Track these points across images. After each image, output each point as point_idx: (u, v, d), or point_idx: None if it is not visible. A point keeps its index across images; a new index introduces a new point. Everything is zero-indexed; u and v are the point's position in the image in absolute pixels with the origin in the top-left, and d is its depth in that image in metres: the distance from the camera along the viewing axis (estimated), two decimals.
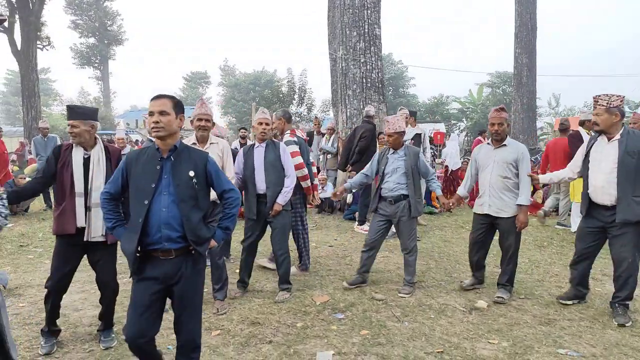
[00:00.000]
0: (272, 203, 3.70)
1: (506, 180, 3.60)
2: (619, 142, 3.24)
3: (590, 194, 3.36)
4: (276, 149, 3.77)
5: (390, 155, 3.95)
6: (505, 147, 3.65)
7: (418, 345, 2.94)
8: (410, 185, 3.82)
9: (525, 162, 3.59)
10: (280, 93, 22.57)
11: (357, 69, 7.49)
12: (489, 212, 3.68)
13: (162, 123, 2.10)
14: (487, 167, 3.70)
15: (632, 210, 3.15)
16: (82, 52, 38.44)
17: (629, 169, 3.17)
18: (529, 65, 15.89)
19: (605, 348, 2.89)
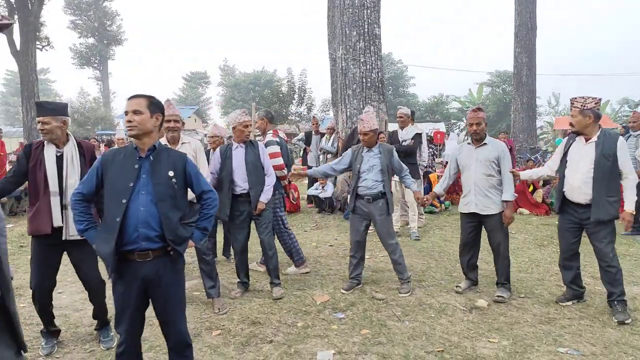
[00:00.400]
0: (256, 202, 3.74)
1: (490, 178, 3.66)
2: (595, 144, 3.34)
3: (566, 193, 3.48)
4: (255, 149, 3.82)
5: (365, 153, 3.93)
6: (486, 146, 3.72)
7: (418, 344, 2.95)
8: (386, 182, 3.86)
9: (507, 159, 3.67)
10: (280, 93, 22.58)
11: (356, 69, 7.49)
12: (476, 210, 3.72)
13: (135, 122, 2.12)
14: (470, 166, 3.74)
15: (606, 210, 3.27)
16: (82, 53, 38.46)
17: (604, 170, 3.27)
18: (529, 65, 15.89)
19: (605, 347, 2.90)
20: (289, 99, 22.07)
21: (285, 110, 22.49)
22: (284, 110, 22.21)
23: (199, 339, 3.05)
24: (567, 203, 3.50)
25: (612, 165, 3.28)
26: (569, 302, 3.62)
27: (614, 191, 3.31)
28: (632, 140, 6.06)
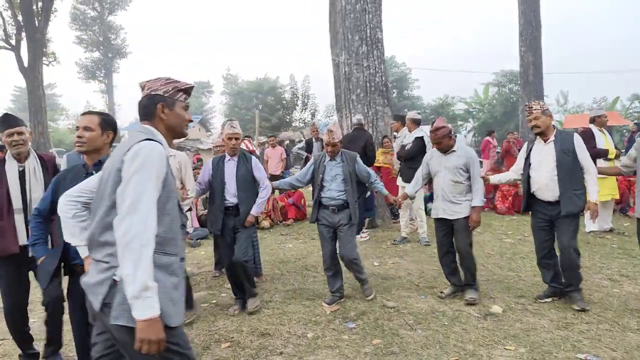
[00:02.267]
0: (245, 215, 3.66)
1: (457, 185, 3.73)
2: (554, 143, 3.54)
3: (536, 193, 3.63)
4: (248, 162, 3.75)
5: (327, 162, 3.85)
6: (455, 153, 3.79)
7: (432, 353, 2.87)
8: (349, 191, 3.77)
9: (476, 165, 3.75)
10: (284, 100, 22.64)
11: (360, 73, 7.45)
12: (444, 215, 3.79)
13: (84, 138, 2.19)
14: (439, 172, 3.82)
15: (574, 203, 3.45)
16: (87, 67, 38.98)
17: (567, 166, 3.46)
18: (535, 64, 15.74)
19: (626, 352, 2.80)
20: (292, 105, 22.13)
21: (289, 117, 22.55)
22: (287, 117, 22.28)
23: (208, 352, 3.00)
24: (536, 202, 3.66)
25: (573, 160, 3.47)
26: (549, 298, 3.68)
27: (579, 185, 3.49)
28: None
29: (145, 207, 1.46)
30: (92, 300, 1.54)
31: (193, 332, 3.34)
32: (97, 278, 1.54)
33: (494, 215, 7.91)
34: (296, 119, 22.98)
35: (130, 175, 1.49)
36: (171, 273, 1.58)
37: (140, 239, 1.42)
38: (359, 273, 3.91)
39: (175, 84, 1.77)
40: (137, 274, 1.39)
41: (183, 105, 1.78)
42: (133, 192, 1.46)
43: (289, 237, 6.68)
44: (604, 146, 5.80)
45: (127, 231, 1.42)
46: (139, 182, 1.48)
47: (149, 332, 1.41)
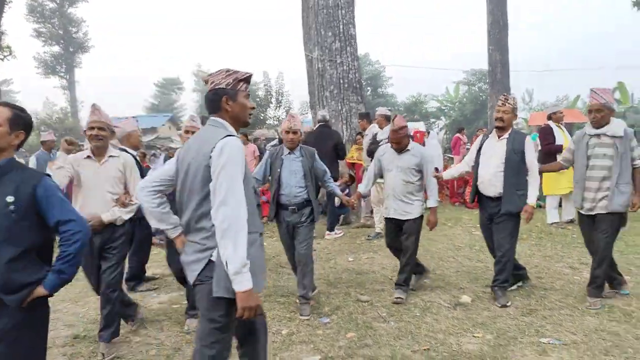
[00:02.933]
0: None
1: (408, 185, 3.70)
2: (507, 141, 3.56)
3: (479, 186, 3.67)
4: None
5: (286, 156, 3.56)
6: (409, 152, 3.73)
7: (405, 344, 2.93)
8: (310, 188, 3.55)
9: (429, 165, 3.72)
10: (257, 97, 22.40)
11: (333, 70, 7.47)
12: (395, 215, 3.75)
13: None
14: (391, 171, 3.76)
15: (514, 203, 3.50)
16: (46, 61, 37.11)
17: (514, 165, 3.50)
18: (502, 62, 16.22)
19: (585, 334, 2.95)
20: (266, 102, 21.92)
21: (263, 115, 22.35)
22: (261, 114, 22.06)
23: (180, 354, 2.95)
24: (481, 197, 3.71)
25: (520, 161, 3.50)
26: (514, 286, 3.79)
27: (522, 186, 3.53)
28: None
29: (236, 197, 1.69)
30: (188, 275, 1.82)
31: (163, 333, 3.28)
32: (194, 257, 1.80)
33: (464, 209, 8.13)
34: (270, 116, 22.78)
35: (220, 170, 1.70)
36: (256, 248, 1.83)
37: (235, 225, 1.66)
38: (305, 279, 3.54)
39: (235, 74, 1.89)
40: (237, 255, 1.65)
41: (244, 94, 1.91)
42: (224, 186, 1.68)
43: (264, 236, 6.62)
44: (562, 142, 6.04)
45: (224, 220, 1.66)
46: (228, 176, 1.70)
47: (249, 301, 1.68)
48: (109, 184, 3.00)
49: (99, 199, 2.94)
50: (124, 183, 3.08)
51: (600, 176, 3.35)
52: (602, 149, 3.36)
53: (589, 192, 3.40)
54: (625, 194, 3.32)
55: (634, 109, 22.24)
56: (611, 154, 3.32)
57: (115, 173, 3.03)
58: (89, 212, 2.84)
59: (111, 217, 2.94)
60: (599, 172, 3.36)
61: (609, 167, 3.32)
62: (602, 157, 3.35)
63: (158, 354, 2.96)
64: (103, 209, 2.92)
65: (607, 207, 3.32)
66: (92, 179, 2.95)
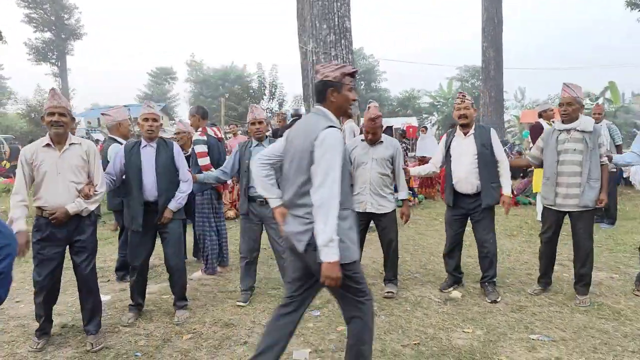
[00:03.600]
0: (164, 210, 3.24)
1: (384, 177, 3.66)
2: (474, 137, 3.59)
3: (455, 185, 3.66)
4: (169, 149, 3.30)
5: (254, 147, 3.52)
6: (382, 144, 3.68)
7: (395, 338, 2.93)
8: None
9: (400, 157, 3.71)
10: (251, 89, 22.24)
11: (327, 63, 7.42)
12: (372, 209, 3.65)
13: None
14: (366, 164, 3.65)
15: (492, 195, 3.54)
16: (38, 48, 36.43)
17: (486, 159, 3.54)
18: (496, 59, 16.28)
19: (574, 331, 2.97)
20: (260, 94, 21.77)
21: None
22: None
23: (169, 344, 2.92)
24: (457, 196, 3.68)
25: (491, 153, 3.56)
26: (451, 287, 3.81)
27: (495, 178, 3.58)
28: None
29: (332, 181, 1.94)
30: (296, 244, 2.08)
31: (153, 324, 3.25)
32: (301, 228, 2.06)
33: None
34: (264, 108, 22.66)
35: (320, 157, 1.97)
36: (347, 222, 2.06)
37: (328, 205, 1.92)
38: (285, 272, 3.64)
39: (342, 69, 2.11)
40: (326, 230, 1.89)
41: (349, 87, 2.13)
42: (323, 171, 1.95)
43: None
44: None
45: (320, 199, 1.93)
46: (326, 162, 1.96)
47: (331, 271, 1.92)
48: (72, 172, 2.84)
49: (62, 190, 2.78)
50: (87, 172, 2.91)
51: (571, 171, 3.37)
52: (572, 144, 3.37)
53: (560, 187, 3.42)
54: (595, 189, 3.35)
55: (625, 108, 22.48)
56: (581, 148, 3.34)
57: (77, 161, 2.86)
58: (52, 203, 2.75)
59: (77, 208, 2.80)
60: (569, 167, 3.38)
61: (580, 162, 3.34)
62: (573, 152, 3.37)
63: (147, 344, 2.93)
64: (67, 199, 2.78)
65: (579, 204, 3.35)
66: (53, 168, 2.78)
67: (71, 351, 2.86)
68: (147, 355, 2.79)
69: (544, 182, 3.56)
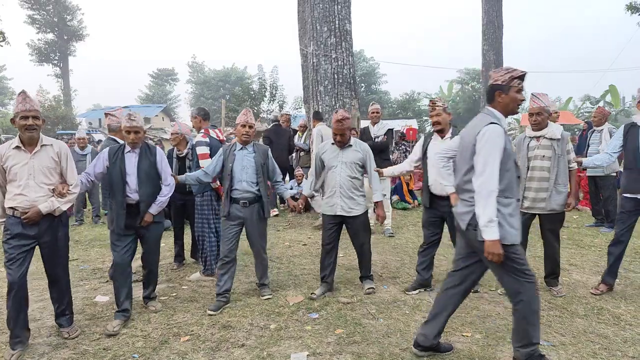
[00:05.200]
0: (145, 213, 3.29)
1: (354, 180, 3.68)
2: (450, 141, 3.56)
3: (431, 187, 3.70)
4: (151, 154, 3.37)
5: (238, 151, 3.60)
6: (351, 147, 3.71)
7: (393, 341, 2.92)
8: (261, 184, 3.59)
9: (371, 160, 3.74)
10: (251, 90, 22.25)
11: (328, 65, 7.41)
12: (342, 212, 3.68)
13: None
14: (335, 167, 3.69)
15: None
16: (40, 49, 36.61)
17: None
18: (496, 62, 16.27)
19: (573, 336, 2.96)
20: (260, 96, 21.76)
21: (257, 108, 22.20)
22: (255, 107, 21.91)
23: (166, 346, 2.91)
24: (433, 198, 3.73)
25: None
26: (416, 290, 3.79)
27: None
28: (596, 136, 6.28)
29: (489, 170, 2.27)
30: (460, 223, 2.49)
31: (150, 325, 3.24)
32: (465, 209, 2.44)
33: None
34: (264, 110, 22.66)
35: (480, 149, 2.31)
36: (509, 209, 2.33)
37: (486, 191, 2.26)
38: (263, 269, 3.79)
39: (511, 73, 2.39)
40: (485, 212, 2.25)
41: (516, 89, 2.40)
42: (482, 161, 2.29)
43: None
44: None
45: (479, 185, 2.28)
46: (486, 154, 2.28)
47: (492, 248, 2.26)
48: (43, 175, 2.83)
49: (34, 192, 2.79)
50: (59, 173, 2.91)
51: (540, 176, 3.52)
52: (541, 150, 3.54)
53: (529, 191, 3.58)
54: (562, 194, 3.52)
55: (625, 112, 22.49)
56: (550, 155, 3.49)
57: (49, 163, 2.86)
58: (24, 204, 2.76)
59: (49, 208, 2.82)
60: (538, 172, 3.53)
61: (548, 167, 3.50)
62: (542, 158, 3.52)
63: (145, 346, 2.92)
64: (40, 200, 2.80)
65: (546, 207, 3.52)
66: (24, 171, 2.78)
67: (68, 352, 2.85)
68: (145, 356, 2.78)
69: None
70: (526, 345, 2.40)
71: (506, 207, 2.32)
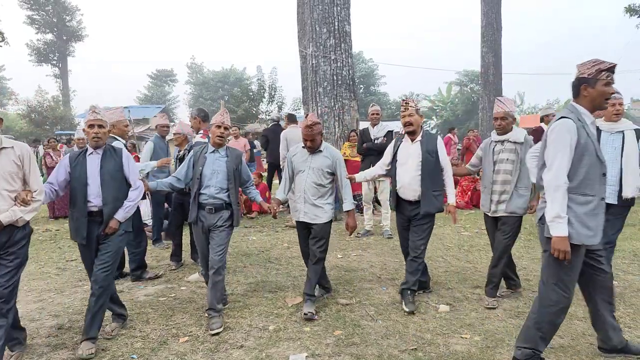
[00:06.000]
0: (109, 220, 2.97)
1: (320, 188, 3.50)
2: (420, 143, 3.59)
3: (399, 191, 3.64)
4: (117, 156, 3.08)
5: (210, 154, 3.38)
6: (321, 153, 3.53)
7: (392, 343, 2.92)
8: (232, 190, 3.35)
9: (342, 167, 3.56)
10: (250, 91, 22.27)
11: (327, 66, 7.43)
12: (305, 219, 3.51)
13: None
14: (303, 172, 3.52)
15: (432, 203, 3.53)
16: (39, 49, 36.60)
17: (430, 167, 3.53)
18: (495, 64, 16.33)
19: (572, 338, 2.96)
20: (259, 97, 21.78)
21: (256, 109, 22.20)
22: (254, 109, 21.92)
23: (165, 347, 2.91)
24: (400, 201, 3.66)
25: (436, 161, 3.55)
26: (419, 292, 3.72)
27: (438, 186, 3.58)
28: None
29: (557, 164, 2.26)
30: (535, 218, 2.53)
31: (149, 326, 3.23)
32: (540, 205, 2.46)
33: None
34: (263, 111, 22.66)
35: (549, 143, 2.32)
36: (585, 207, 2.29)
37: (554, 186, 2.26)
38: (216, 288, 3.25)
39: (598, 65, 2.30)
40: (553, 207, 2.25)
41: (604, 82, 2.30)
42: (550, 156, 2.30)
43: (252, 230, 6.60)
44: None
45: (546, 180, 2.30)
46: (553, 149, 2.29)
47: (559, 245, 2.24)
48: (4, 180, 2.56)
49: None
50: (22, 178, 2.64)
51: (504, 180, 3.51)
52: (505, 154, 3.51)
53: (494, 194, 3.56)
54: (523, 197, 3.49)
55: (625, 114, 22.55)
56: (513, 158, 3.48)
57: (10, 167, 2.58)
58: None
59: (10, 218, 2.53)
60: (503, 176, 3.52)
61: (511, 171, 3.49)
62: (506, 161, 3.50)
63: (143, 346, 2.91)
64: (1, 210, 2.52)
65: (506, 209, 3.49)
66: None
67: (67, 353, 2.84)
68: (144, 357, 2.77)
69: (482, 190, 3.69)
70: (529, 349, 2.43)
71: (581, 206, 2.28)
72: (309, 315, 3.30)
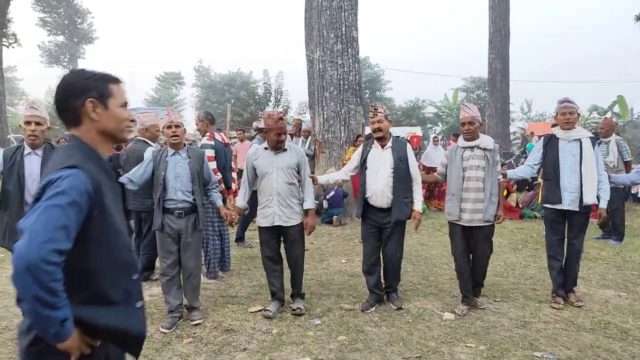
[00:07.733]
0: None
1: (292, 187, 3.43)
2: (391, 150, 3.55)
3: (370, 199, 3.57)
4: None
5: (170, 157, 3.25)
6: (287, 152, 3.46)
7: (396, 350, 2.89)
8: (197, 192, 3.26)
9: (306, 164, 3.54)
10: (256, 95, 22.36)
11: (334, 71, 7.44)
12: (280, 222, 3.39)
13: None
14: (271, 174, 3.40)
15: (403, 210, 3.52)
16: (51, 51, 37.13)
17: (401, 173, 3.51)
18: (503, 71, 16.28)
19: (580, 350, 2.91)
20: (265, 101, 21.84)
21: (262, 112, 22.27)
22: (260, 112, 21.98)
23: (169, 348, 2.90)
24: (368, 209, 3.60)
25: (406, 168, 3.54)
26: (373, 307, 3.58)
27: (408, 193, 3.57)
28: (602, 147, 6.21)
29: None
30: None
31: (154, 326, 3.22)
32: None
33: None
34: None
35: None
36: None
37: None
38: (195, 291, 3.32)
39: None
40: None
41: None
42: None
43: (257, 233, 6.57)
44: None
45: None
46: None
47: None
48: None
49: None
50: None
51: (476, 187, 3.46)
52: (476, 160, 3.46)
53: (466, 202, 3.48)
54: (495, 205, 3.47)
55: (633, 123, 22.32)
56: (484, 165, 3.45)
57: None
58: None
59: None
60: (474, 183, 3.46)
61: (483, 178, 3.45)
62: (477, 168, 3.46)
63: (147, 347, 2.90)
64: None
65: (482, 218, 3.45)
66: None
67: None
68: (147, 358, 2.76)
69: (449, 198, 3.61)
70: None
71: None
72: (298, 312, 3.43)
